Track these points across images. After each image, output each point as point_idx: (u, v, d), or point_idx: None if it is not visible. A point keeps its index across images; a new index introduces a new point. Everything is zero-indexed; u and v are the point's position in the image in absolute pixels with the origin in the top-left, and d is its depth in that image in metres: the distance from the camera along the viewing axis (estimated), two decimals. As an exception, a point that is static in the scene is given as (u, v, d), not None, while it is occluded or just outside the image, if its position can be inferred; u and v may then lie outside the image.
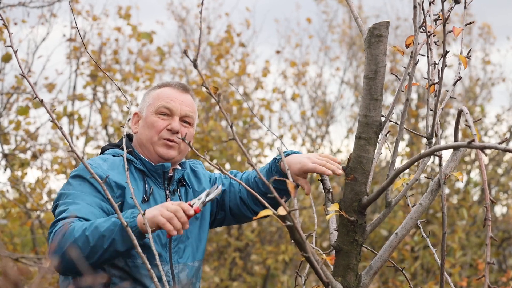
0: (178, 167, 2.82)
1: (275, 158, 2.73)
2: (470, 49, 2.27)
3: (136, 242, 2.08)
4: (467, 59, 2.18)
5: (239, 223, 2.99)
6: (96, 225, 2.38)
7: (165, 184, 2.74)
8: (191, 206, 2.43)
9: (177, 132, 2.72)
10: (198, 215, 2.78)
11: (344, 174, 2.17)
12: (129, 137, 2.85)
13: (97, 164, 2.63)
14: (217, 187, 2.53)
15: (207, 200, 2.49)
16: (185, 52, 1.56)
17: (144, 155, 2.75)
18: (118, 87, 2.47)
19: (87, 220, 2.46)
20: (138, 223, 2.34)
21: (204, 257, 2.94)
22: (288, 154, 2.71)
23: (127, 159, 2.68)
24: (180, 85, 2.82)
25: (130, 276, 2.58)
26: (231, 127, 1.70)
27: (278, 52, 10.11)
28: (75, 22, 2.42)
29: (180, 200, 2.75)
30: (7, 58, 6.76)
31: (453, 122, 9.42)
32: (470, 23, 2.23)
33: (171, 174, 2.77)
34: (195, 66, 1.60)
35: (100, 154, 2.80)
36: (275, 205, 1.73)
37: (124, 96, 2.41)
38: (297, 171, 2.62)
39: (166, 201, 2.71)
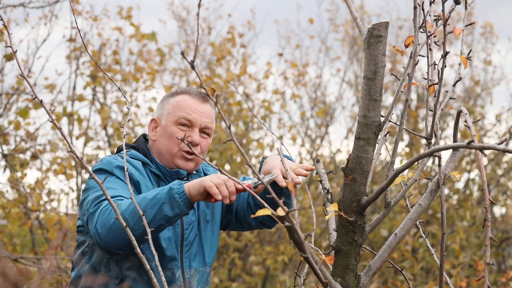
0: (193, 171, 2.81)
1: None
2: (470, 50, 2.27)
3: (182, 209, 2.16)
4: (467, 59, 2.18)
5: (242, 230, 2.96)
6: (143, 195, 2.37)
7: None
8: None
9: (197, 145, 2.71)
10: (209, 218, 2.78)
11: (344, 174, 2.17)
12: (145, 137, 2.83)
13: (120, 161, 2.60)
14: (272, 174, 2.49)
15: (265, 181, 2.47)
16: (182, 54, 1.56)
17: (161, 161, 2.73)
18: (119, 88, 2.47)
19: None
20: (186, 189, 2.33)
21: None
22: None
23: (143, 162, 2.70)
24: (200, 95, 2.78)
25: (144, 278, 2.56)
26: (229, 128, 1.70)
27: (280, 54, 10.11)
28: (76, 23, 2.42)
29: (194, 207, 2.73)
30: (10, 57, 6.78)
31: (452, 123, 9.42)
32: (471, 23, 2.23)
33: (185, 178, 2.76)
34: (193, 67, 1.60)
35: (115, 153, 2.79)
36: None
37: (124, 97, 2.41)
38: (267, 172, 2.56)
39: None
